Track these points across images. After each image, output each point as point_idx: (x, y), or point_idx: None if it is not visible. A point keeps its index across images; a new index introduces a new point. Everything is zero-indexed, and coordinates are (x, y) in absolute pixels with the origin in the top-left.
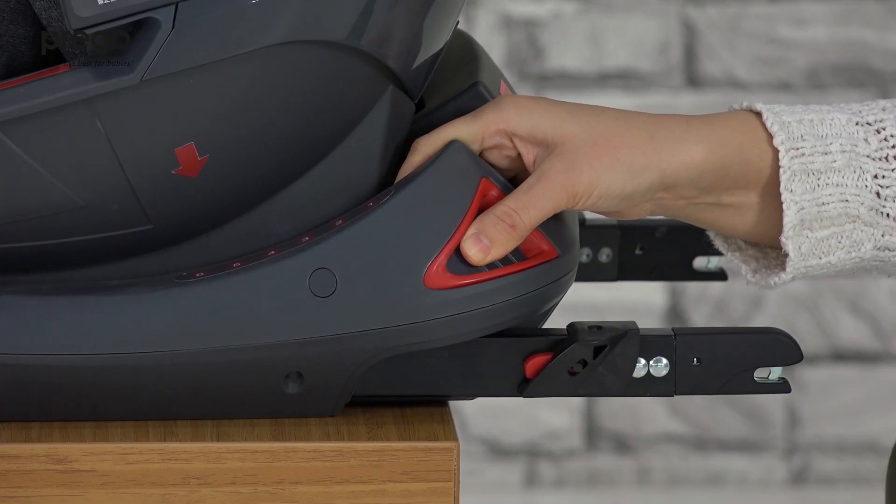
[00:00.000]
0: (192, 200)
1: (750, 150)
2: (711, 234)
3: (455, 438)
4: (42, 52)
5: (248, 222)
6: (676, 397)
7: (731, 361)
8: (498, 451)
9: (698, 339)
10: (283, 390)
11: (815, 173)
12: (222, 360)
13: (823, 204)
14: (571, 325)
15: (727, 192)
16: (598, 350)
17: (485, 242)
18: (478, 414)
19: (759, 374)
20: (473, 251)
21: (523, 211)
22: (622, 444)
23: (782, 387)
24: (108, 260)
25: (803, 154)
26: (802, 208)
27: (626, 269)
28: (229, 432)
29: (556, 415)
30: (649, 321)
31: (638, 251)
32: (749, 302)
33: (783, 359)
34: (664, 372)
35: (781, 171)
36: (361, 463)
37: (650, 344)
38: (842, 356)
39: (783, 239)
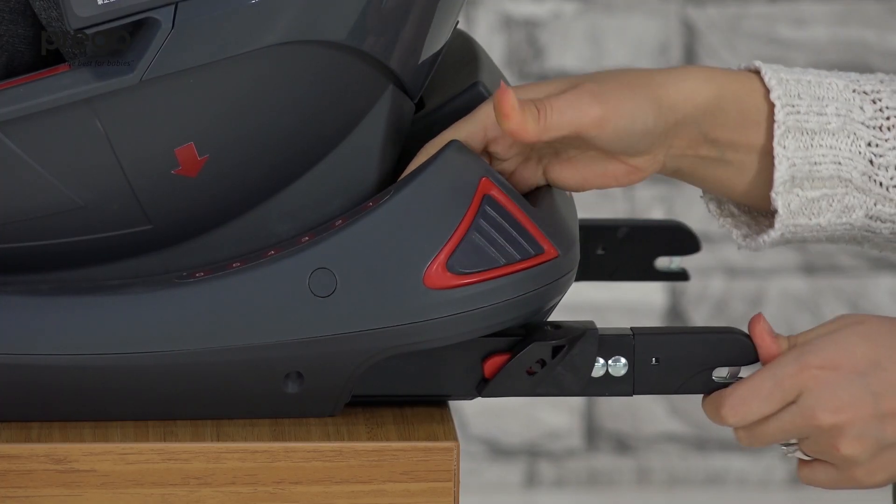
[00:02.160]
0: (192, 200)
1: (747, 100)
2: (705, 199)
3: (455, 438)
4: (42, 52)
5: (248, 222)
6: (677, 397)
7: (690, 361)
8: (498, 451)
9: (657, 339)
10: (283, 390)
11: (809, 132)
12: (222, 360)
13: (816, 163)
14: (529, 325)
15: (730, 149)
16: (556, 350)
17: (516, 106)
18: (478, 414)
19: (718, 373)
20: (507, 103)
21: (550, 106)
22: (622, 444)
23: None
24: (108, 260)
25: (798, 112)
26: (794, 165)
27: (587, 270)
28: (229, 432)
29: (556, 415)
30: (649, 321)
31: (600, 251)
32: (749, 302)
33: (741, 358)
34: (623, 371)
35: (776, 125)
36: (361, 463)
37: (609, 343)
38: None
39: (773, 194)
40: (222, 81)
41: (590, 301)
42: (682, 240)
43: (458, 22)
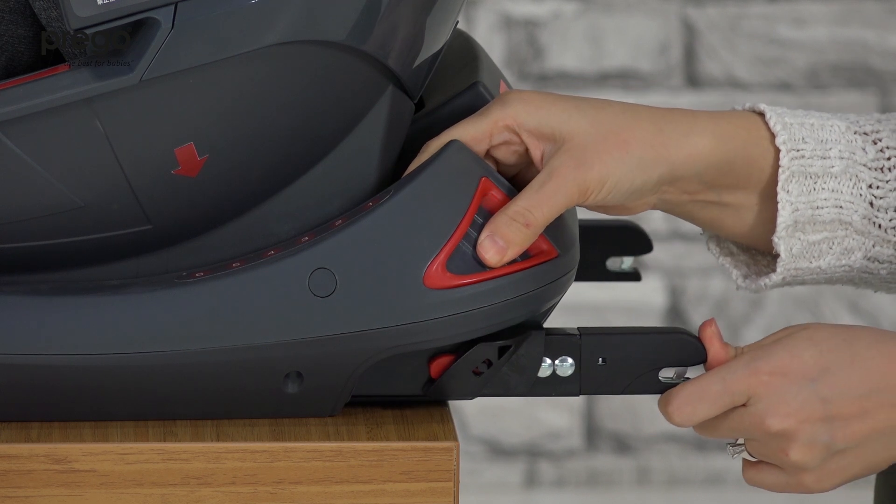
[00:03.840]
0: (192, 200)
1: (753, 148)
2: (706, 237)
3: (455, 438)
4: (42, 52)
5: (248, 222)
6: None
7: (637, 361)
8: (498, 451)
9: (603, 339)
10: (283, 390)
11: (813, 176)
12: (222, 360)
13: (818, 208)
14: None
15: (728, 191)
16: (502, 350)
17: (500, 244)
18: (478, 414)
19: (665, 374)
20: (490, 253)
21: (536, 209)
22: (622, 444)
23: None
24: (108, 260)
25: (803, 156)
26: (797, 209)
27: None
28: (229, 432)
29: (556, 415)
30: (649, 321)
31: None
32: (749, 302)
33: (687, 359)
34: (569, 372)
35: (780, 170)
36: (361, 463)
37: (555, 344)
38: None
39: (775, 239)
40: (222, 81)
41: (590, 301)
42: (633, 240)
43: (458, 22)
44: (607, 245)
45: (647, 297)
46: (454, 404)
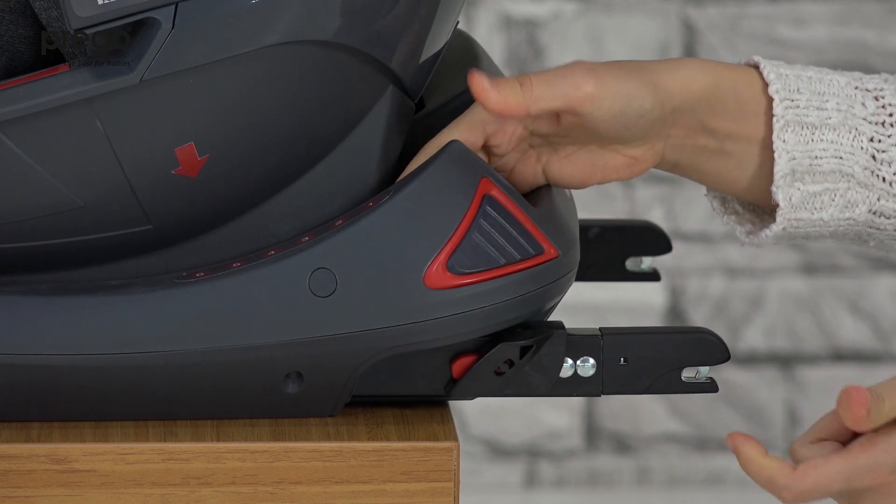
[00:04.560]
0: (192, 200)
1: (744, 91)
2: (709, 197)
3: (455, 438)
4: (42, 52)
5: (248, 222)
6: (677, 397)
7: (658, 361)
8: (498, 451)
9: (625, 339)
10: (283, 390)
11: (810, 126)
12: (222, 360)
13: (816, 158)
14: None
15: (729, 139)
16: (524, 350)
17: (487, 83)
18: (478, 414)
19: (687, 373)
20: (476, 80)
21: (537, 79)
22: (622, 444)
23: (710, 386)
24: (108, 260)
25: (798, 106)
26: (794, 158)
27: None
28: (229, 432)
29: (556, 415)
30: (649, 321)
31: None
32: (749, 302)
33: (710, 358)
34: (591, 372)
35: (775, 119)
36: (361, 463)
37: (577, 344)
38: (842, 356)
39: (773, 188)
40: (222, 81)
41: (590, 301)
42: (652, 240)
43: (458, 22)
44: (627, 245)
45: (647, 297)
46: (454, 404)
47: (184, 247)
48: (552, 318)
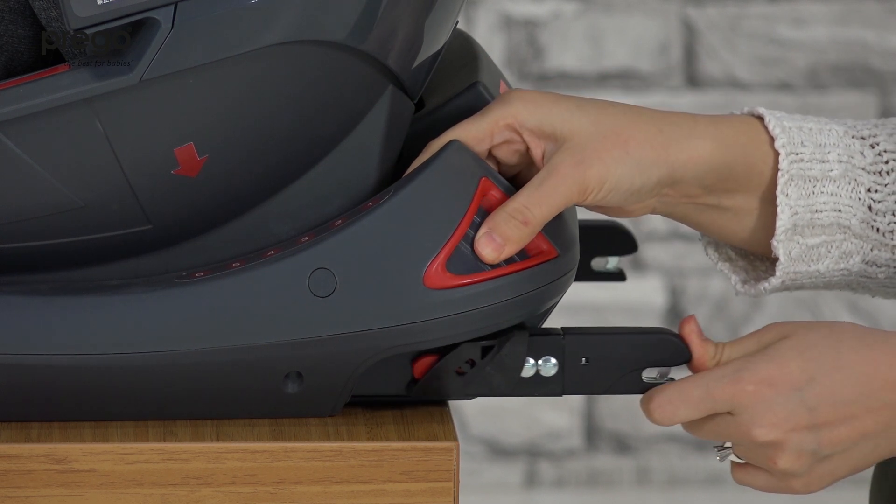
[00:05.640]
0: (192, 200)
1: (753, 152)
2: (703, 243)
3: (455, 438)
4: (42, 52)
5: (248, 222)
6: None
7: (620, 361)
8: (498, 451)
9: (587, 339)
10: (283, 390)
11: (812, 180)
12: (222, 360)
13: (817, 211)
14: None
15: (728, 195)
16: (486, 350)
17: (498, 241)
18: (478, 414)
19: (648, 374)
20: (487, 250)
21: (535, 207)
22: (622, 444)
23: None
24: (108, 260)
25: (802, 160)
26: (796, 213)
27: None
28: (229, 432)
29: (556, 415)
30: (649, 321)
31: None
32: (749, 302)
33: (671, 359)
34: (553, 371)
35: (780, 174)
36: (361, 463)
37: (538, 343)
38: None
39: (774, 242)
40: (222, 81)
41: (590, 301)
42: (618, 240)
43: (458, 22)
44: (592, 245)
45: (647, 297)
46: (454, 404)
47: (184, 247)
48: (552, 317)
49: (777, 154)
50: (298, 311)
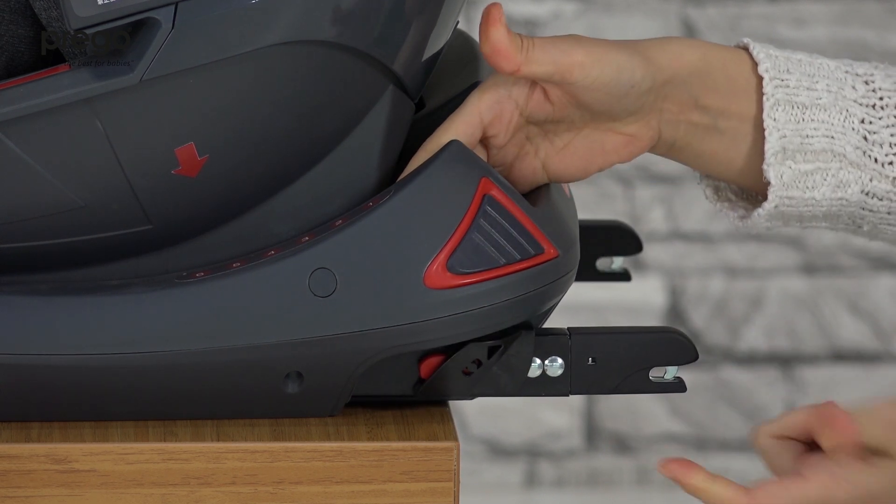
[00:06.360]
0: (192, 200)
1: (734, 69)
2: (703, 184)
3: (455, 438)
4: (42, 52)
5: (248, 222)
6: (677, 396)
7: (627, 361)
8: (498, 451)
9: (593, 339)
10: (283, 390)
11: (800, 106)
12: (222, 360)
13: (807, 136)
14: None
15: (721, 116)
16: (492, 350)
17: (502, 21)
18: (478, 414)
19: (655, 373)
20: (494, 15)
21: (534, 43)
22: (622, 444)
23: (678, 386)
24: (108, 260)
25: (788, 86)
26: (784, 136)
27: None
28: (229, 432)
29: (556, 415)
30: (649, 321)
31: None
32: (749, 302)
33: (678, 358)
34: (559, 372)
35: (765, 98)
36: (361, 463)
37: (545, 343)
38: (842, 356)
39: (765, 166)
40: (222, 81)
41: (590, 301)
42: (623, 240)
43: (458, 22)
44: (598, 245)
45: (647, 297)
46: (454, 404)
47: (184, 247)
48: (553, 317)
49: (761, 79)
50: (299, 311)
